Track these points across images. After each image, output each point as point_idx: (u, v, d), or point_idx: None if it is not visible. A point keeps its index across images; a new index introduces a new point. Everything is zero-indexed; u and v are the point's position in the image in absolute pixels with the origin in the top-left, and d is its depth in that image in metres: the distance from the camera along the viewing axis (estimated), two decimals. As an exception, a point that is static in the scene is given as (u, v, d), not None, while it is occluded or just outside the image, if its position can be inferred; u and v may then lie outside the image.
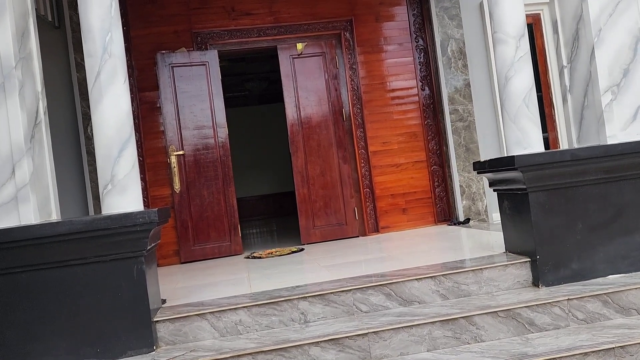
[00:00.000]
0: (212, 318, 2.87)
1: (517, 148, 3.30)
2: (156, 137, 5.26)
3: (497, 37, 3.34)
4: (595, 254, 3.14)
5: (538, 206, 3.09)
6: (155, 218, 2.73)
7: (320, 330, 2.77)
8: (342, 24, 5.65)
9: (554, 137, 5.85)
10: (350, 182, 5.53)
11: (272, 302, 2.92)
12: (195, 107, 5.26)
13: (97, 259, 2.74)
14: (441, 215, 5.70)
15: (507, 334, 2.78)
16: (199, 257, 5.17)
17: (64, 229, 2.67)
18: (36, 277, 2.70)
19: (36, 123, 3.08)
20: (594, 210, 3.14)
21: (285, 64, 5.50)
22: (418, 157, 5.70)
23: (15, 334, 2.68)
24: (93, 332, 2.72)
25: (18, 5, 3.03)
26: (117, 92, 2.95)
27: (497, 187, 3.45)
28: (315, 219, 5.46)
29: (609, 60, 3.37)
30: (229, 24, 5.44)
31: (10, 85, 2.90)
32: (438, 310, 2.86)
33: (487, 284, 3.11)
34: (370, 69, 5.66)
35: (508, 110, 3.33)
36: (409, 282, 3.04)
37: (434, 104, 5.74)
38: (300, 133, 5.50)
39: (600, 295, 2.87)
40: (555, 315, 2.83)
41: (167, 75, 5.22)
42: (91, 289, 2.73)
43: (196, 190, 5.22)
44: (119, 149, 2.93)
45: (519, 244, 3.30)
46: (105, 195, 2.93)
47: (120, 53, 2.98)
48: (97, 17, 2.93)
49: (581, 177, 3.12)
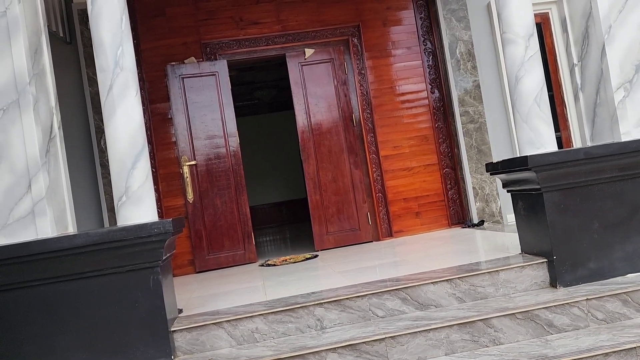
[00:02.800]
0: (228, 326, 2.88)
1: (530, 148, 3.28)
2: (168, 147, 5.31)
3: (506, 37, 3.33)
4: (613, 252, 3.10)
5: (553, 206, 3.07)
6: (170, 228, 2.75)
7: (337, 336, 2.76)
8: (350, 30, 5.67)
9: (566, 136, 5.80)
10: (362, 187, 5.53)
11: (288, 309, 2.92)
12: (206, 117, 5.30)
13: (113, 270, 2.76)
14: (455, 218, 5.67)
15: (525, 336, 2.75)
16: (213, 266, 5.19)
17: (81, 242, 2.70)
18: (54, 290, 2.73)
19: (51, 137, 3.12)
20: (610, 208, 3.11)
21: (294, 72, 5.53)
22: (429, 160, 5.68)
23: (34, 348, 2.71)
24: (111, 344, 2.74)
25: (31, 22, 3.08)
26: (130, 105, 2.98)
27: (511, 187, 3.43)
28: (329, 225, 5.46)
29: (620, 56, 3.34)
30: (237, 33, 5.49)
31: (25, 101, 2.94)
32: (455, 314, 2.84)
33: (503, 286, 3.09)
34: (379, 74, 5.66)
35: (519, 110, 3.31)
36: (425, 286, 3.02)
37: (444, 107, 5.73)
38: (311, 139, 5.51)
39: (620, 295, 2.83)
40: (575, 316, 2.80)
41: (178, 86, 5.27)
42: (108, 300, 2.76)
43: (209, 199, 5.25)
44: (133, 161, 2.96)
45: (534, 244, 3.27)
46: (120, 207, 2.96)
47: (132, 66, 3.02)
48: (108, 31, 2.97)
49: (596, 176, 3.09)
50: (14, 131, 2.92)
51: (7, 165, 2.91)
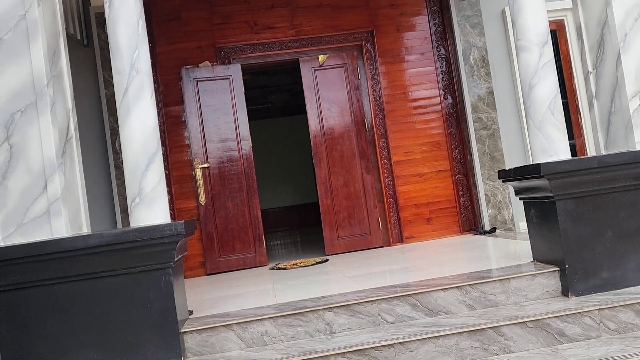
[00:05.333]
0: (238, 329, 2.89)
1: (543, 155, 3.26)
2: (181, 150, 5.35)
3: (521, 44, 3.32)
4: (626, 262, 3.07)
5: (566, 214, 3.05)
6: (182, 230, 2.78)
7: (346, 340, 2.76)
8: (363, 35, 5.68)
9: (580, 144, 5.75)
10: (373, 193, 5.53)
11: (297, 313, 2.92)
12: (219, 121, 5.34)
13: (126, 271, 2.79)
14: (466, 224, 5.64)
15: (536, 345, 2.73)
16: (224, 268, 5.22)
17: (95, 242, 2.74)
18: (67, 289, 2.77)
19: (67, 139, 3.17)
20: (624, 217, 3.08)
21: (307, 76, 5.55)
22: (442, 166, 5.66)
23: (46, 346, 2.74)
24: (122, 343, 2.76)
25: (49, 25, 3.14)
26: (144, 108, 3.01)
27: (523, 195, 3.41)
28: (339, 229, 5.46)
29: (636, 64, 3.31)
30: (251, 38, 5.53)
31: (43, 103, 2.99)
32: (465, 321, 2.83)
33: (514, 294, 3.07)
34: (392, 79, 5.67)
35: (533, 118, 3.30)
36: (435, 293, 3.01)
37: (457, 113, 5.71)
38: (323, 144, 5.53)
39: (633, 305, 2.80)
40: (586, 326, 2.77)
41: (192, 89, 5.32)
42: (120, 301, 2.79)
43: (221, 202, 5.28)
44: (146, 163, 2.99)
45: (546, 253, 3.25)
46: (133, 208, 2.99)
47: (147, 69, 3.06)
48: (124, 35, 3.02)
49: (610, 184, 3.06)
50: (32, 132, 2.97)
51: (24, 165, 2.96)
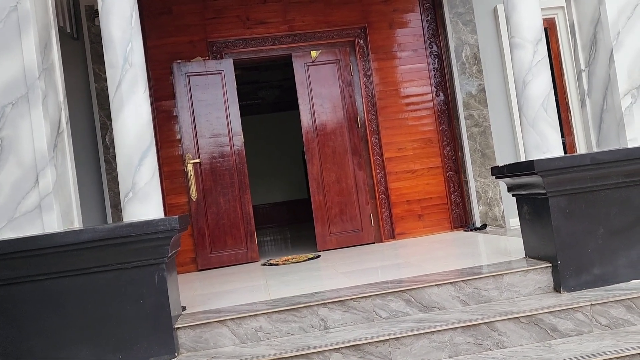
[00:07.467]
0: (232, 325, 2.88)
1: (536, 152, 3.28)
2: (173, 145, 5.31)
3: (514, 41, 3.34)
4: (618, 258, 3.10)
5: (558, 211, 3.07)
6: (176, 225, 2.76)
7: (341, 336, 2.76)
8: (356, 31, 5.67)
9: (570, 142, 5.80)
10: (365, 189, 5.53)
11: (291, 309, 2.92)
12: (211, 116, 5.31)
13: (119, 266, 2.77)
14: (457, 221, 5.67)
15: (529, 340, 2.76)
16: (215, 264, 5.19)
17: (87, 237, 2.71)
18: (60, 285, 2.73)
19: (59, 132, 3.13)
20: (616, 214, 3.11)
21: (299, 72, 5.54)
22: (433, 163, 5.68)
23: (38, 342, 2.71)
24: (115, 339, 2.74)
25: (41, 17, 3.09)
26: (138, 102, 2.98)
27: (516, 192, 3.43)
28: (331, 225, 5.46)
29: (629, 63, 3.34)
30: (243, 32, 5.49)
31: (34, 96, 2.95)
32: (459, 316, 2.85)
33: (507, 290, 3.09)
34: (384, 76, 5.67)
35: (526, 115, 3.32)
36: (429, 288, 3.03)
37: (448, 110, 5.73)
38: (315, 140, 5.52)
39: (624, 301, 2.84)
40: (578, 321, 2.80)
41: (184, 84, 5.27)
42: (113, 296, 2.76)
43: (212, 198, 5.26)
44: (140, 158, 2.96)
45: (539, 249, 3.27)
46: (126, 203, 2.96)
47: (141, 63, 3.02)
48: (118, 27, 2.98)
49: (602, 181, 3.09)
50: (23, 125, 2.93)
51: (15, 159, 2.91)
